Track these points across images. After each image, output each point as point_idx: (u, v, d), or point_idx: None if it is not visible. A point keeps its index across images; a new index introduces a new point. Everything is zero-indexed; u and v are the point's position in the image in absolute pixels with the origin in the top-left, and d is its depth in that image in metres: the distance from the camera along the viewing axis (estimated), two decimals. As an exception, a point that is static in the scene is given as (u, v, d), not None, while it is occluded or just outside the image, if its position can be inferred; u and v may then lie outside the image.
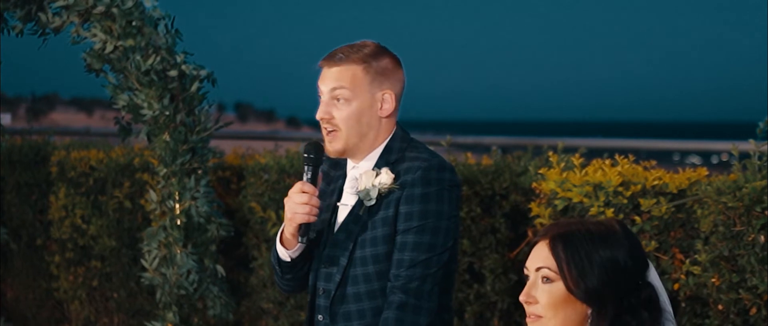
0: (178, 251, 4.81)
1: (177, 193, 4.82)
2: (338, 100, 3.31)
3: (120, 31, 4.70)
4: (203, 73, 4.80)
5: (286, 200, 3.29)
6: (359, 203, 3.29)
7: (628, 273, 2.56)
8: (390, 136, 3.35)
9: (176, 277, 4.81)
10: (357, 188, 3.29)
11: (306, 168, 3.30)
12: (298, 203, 3.25)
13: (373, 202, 3.26)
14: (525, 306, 2.63)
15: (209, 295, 4.89)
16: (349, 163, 3.39)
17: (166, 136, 4.79)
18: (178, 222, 4.82)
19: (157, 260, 4.84)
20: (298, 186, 3.27)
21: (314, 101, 3.40)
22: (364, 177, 3.27)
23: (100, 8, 4.70)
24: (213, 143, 5.05)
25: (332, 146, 3.33)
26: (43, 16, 4.80)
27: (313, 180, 3.29)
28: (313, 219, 3.27)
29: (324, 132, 3.35)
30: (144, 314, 6.20)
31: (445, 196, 3.24)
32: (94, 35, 4.74)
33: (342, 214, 3.35)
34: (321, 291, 3.36)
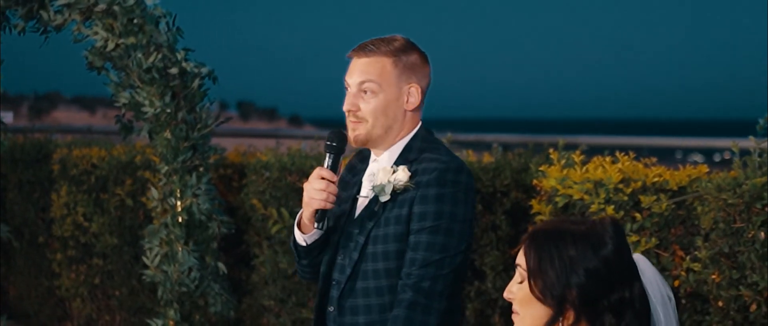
0: (180, 248, 4.82)
1: (178, 191, 4.83)
2: (366, 92, 3.31)
3: (121, 28, 4.71)
4: (204, 70, 4.81)
5: (305, 184, 3.29)
6: (375, 198, 3.28)
7: (599, 278, 2.53)
8: (412, 134, 3.34)
9: (177, 275, 4.82)
10: (373, 183, 3.29)
11: (327, 155, 3.30)
12: (316, 189, 3.25)
13: (387, 198, 3.25)
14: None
15: (210, 293, 4.90)
16: (372, 156, 3.40)
17: (168, 134, 4.80)
18: (180, 220, 4.82)
19: (158, 257, 4.85)
20: (316, 172, 3.27)
21: (316, 100, 3.41)
22: (380, 173, 3.27)
23: (102, 6, 4.71)
24: (214, 140, 5.06)
25: (355, 134, 3.32)
26: (44, 14, 4.81)
27: (333, 168, 3.29)
28: (329, 206, 3.27)
29: (349, 123, 3.34)
30: (145, 311, 6.21)
31: (460, 198, 3.23)
32: (96, 33, 4.75)
33: (360, 207, 3.34)
34: (334, 282, 3.36)
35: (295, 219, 5.41)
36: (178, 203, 4.84)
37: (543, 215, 4.43)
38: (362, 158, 3.46)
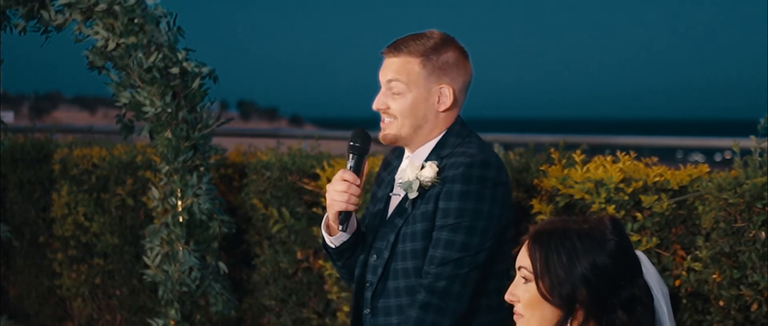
0: (180, 248, 4.82)
1: (179, 190, 4.83)
2: (394, 91, 3.27)
3: (122, 28, 4.71)
4: (205, 70, 4.81)
5: (328, 186, 3.25)
6: (406, 195, 3.24)
7: (607, 275, 2.52)
8: (446, 130, 3.29)
9: (178, 274, 4.82)
10: (400, 180, 3.24)
11: (350, 156, 3.25)
12: (338, 191, 3.21)
13: (415, 195, 3.20)
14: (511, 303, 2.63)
15: (211, 292, 4.90)
16: (405, 152, 3.35)
17: (168, 134, 4.80)
18: (180, 220, 4.82)
19: (159, 257, 4.85)
20: (339, 173, 3.23)
21: (317, 99, 3.39)
22: (408, 169, 3.22)
23: (102, 6, 4.71)
24: (215, 140, 5.06)
25: (384, 132, 3.29)
26: (45, 14, 4.81)
27: (356, 169, 3.24)
28: (352, 207, 3.22)
29: (381, 122, 3.31)
30: (146, 311, 6.21)
31: (486, 195, 3.17)
32: (96, 33, 4.75)
33: (393, 206, 3.30)
34: (368, 283, 3.31)
35: (296, 218, 5.42)
36: (179, 203, 4.84)
37: (544, 214, 4.43)
38: (398, 154, 3.40)
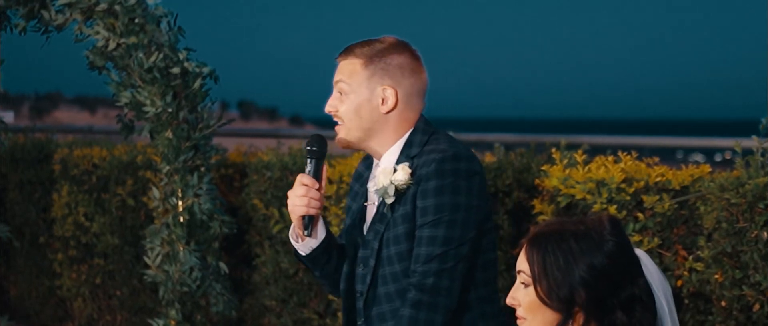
0: (181, 248, 4.82)
1: (180, 190, 4.83)
2: (341, 93, 3.32)
3: (123, 28, 4.71)
4: (205, 70, 4.81)
5: (289, 192, 3.30)
6: (383, 201, 3.26)
7: (605, 275, 2.50)
8: (410, 131, 3.31)
9: (179, 275, 4.81)
10: (375, 187, 3.27)
11: (308, 160, 3.30)
12: (298, 195, 3.25)
13: (392, 200, 3.23)
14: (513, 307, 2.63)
15: (212, 292, 4.89)
16: (374, 162, 3.38)
17: (169, 134, 4.80)
18: (181, 220, 4.82)
19: (159, 257, 4.85)
20: (298, 178, 3.27)
21: (317, 99, 3.43)
22: (380, 175, 3.24)
23: (103, 6, 4.70)
24: (216, 140, 5.05)
25: (337, 137, 3.34)
26: (45, 14, 4.80)
27: (315, 174, 3.28)
28: (313, 211, 3.26)
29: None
30: (147, 311, 6.21)
31: (461, 187, 3.18)
32: (97, 33, 4.74)
33: (370, 214, 3.32)
34: (358, 294, 3.32)
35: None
36: (180, 203, 4.83)
37: (545, 215, 4.43)
38: (368, 165, 3.43)
